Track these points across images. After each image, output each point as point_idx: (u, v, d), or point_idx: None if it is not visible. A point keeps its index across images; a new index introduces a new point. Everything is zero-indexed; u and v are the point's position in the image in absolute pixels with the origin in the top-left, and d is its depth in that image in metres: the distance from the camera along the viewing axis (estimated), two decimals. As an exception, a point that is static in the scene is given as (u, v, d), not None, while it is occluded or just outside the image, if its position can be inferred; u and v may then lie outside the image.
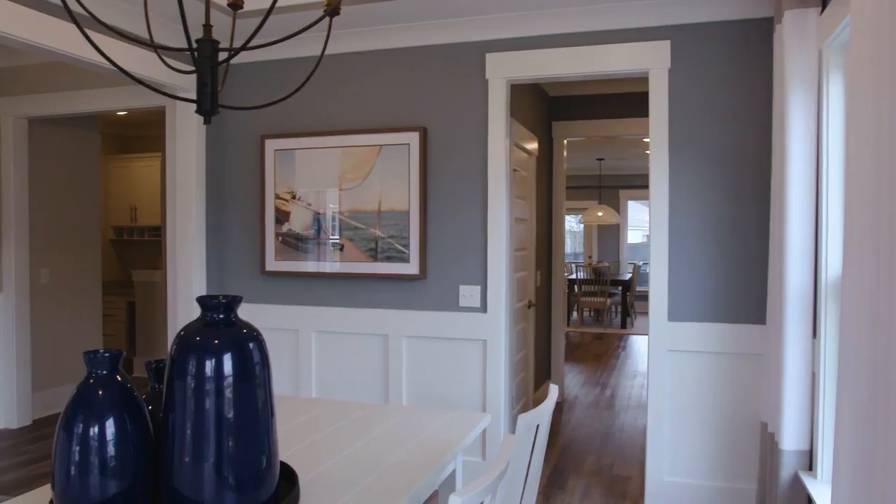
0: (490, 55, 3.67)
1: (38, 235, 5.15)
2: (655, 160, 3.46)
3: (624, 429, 5.09)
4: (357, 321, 3.92)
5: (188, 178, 4.07)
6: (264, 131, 4.10)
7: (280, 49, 4.03)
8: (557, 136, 5.95)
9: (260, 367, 1.54)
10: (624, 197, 13.41)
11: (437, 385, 3.80)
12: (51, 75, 4.75)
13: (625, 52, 3.47)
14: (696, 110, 3.41)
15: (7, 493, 3.71)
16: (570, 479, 4.02)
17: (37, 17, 3.03)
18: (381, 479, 1.78)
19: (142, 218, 7.89)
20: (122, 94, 4.52)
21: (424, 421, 2.32)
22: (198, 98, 1.52)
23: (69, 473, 1.46)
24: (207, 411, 1.46)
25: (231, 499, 1.48)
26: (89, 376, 1.50)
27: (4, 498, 3.39)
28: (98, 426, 1.46)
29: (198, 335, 1.50)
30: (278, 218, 4.02)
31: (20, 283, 4.94)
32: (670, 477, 3.49)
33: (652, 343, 3.47)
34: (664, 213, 3.45)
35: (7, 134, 4.89)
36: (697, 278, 3.42)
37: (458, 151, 3.75)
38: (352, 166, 3.86)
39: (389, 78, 3.87)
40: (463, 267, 3.75)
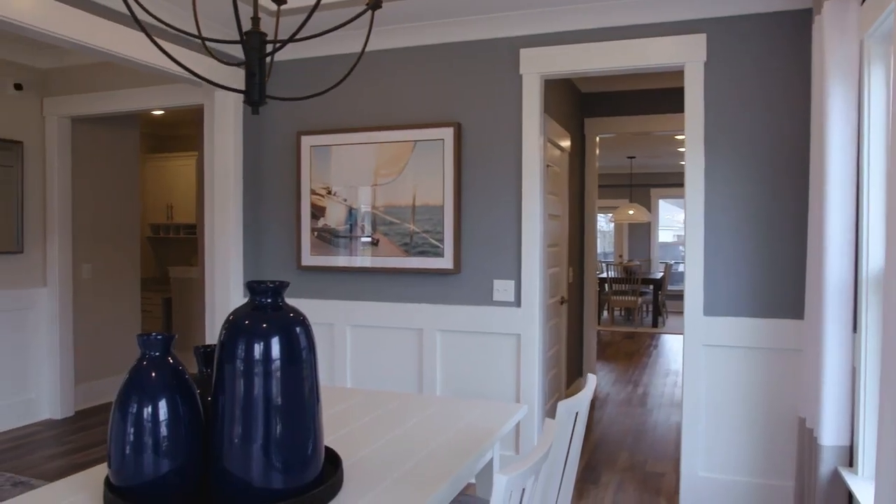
0: (524, 50, 3.68)
1: (80, 232, 5.28)
2: (691, 154, 3.44)
3: (657, 426, 5.06)
4: (391, 315, 3.96)
5: (226, 173, 4.14)
6: (300, 128, 4.16)
7: (317, 47, 4.09)
8: (590, 132, 5.93)
9: (307, 351, 1.58)
10: (655, 195, 13.30)
11: (471, 379, 3.83)
12: (92, 75, 4.87)
13: (660, 46, 3.45)
14: (732, 104, 3.39)
15: (51, 481, 3.81)
16: (604, 475, 4.01)
17: (85, 18, 3.12)
18: (422, 465, 1.81)
19: (178, 216, 8.04)
20: (160, 93, 4.62)
21: (461, 410, 2.35)
22: (246, 88, 1.56)
23: (124, 452, 1.51)
24: (256, 393, 1.50)
25: (278, 480, 1.52)
26: (142, 358, 1.56)
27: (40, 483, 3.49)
28: (151, 407, 1.51)
29: (247, 319, 1.54)
30: (314, 213, 4.07)
31: (63, 278, 5.08)
32: (705, 472, 3.47)
33: (687, 337, 3.46)
34: (699, 206, 3.43)
35: (52, 133, 5.03)
36: (733, 272, 3.40)
37: (492, 147, 3.77)
38: (386, 162, 3.90)
39: (424, 74, 3.90)
40: (497, 261, 3.76)
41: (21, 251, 4.88)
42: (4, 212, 4.77)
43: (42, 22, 2.92)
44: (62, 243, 5.06)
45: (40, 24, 2.91)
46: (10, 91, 4.83)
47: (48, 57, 4.96)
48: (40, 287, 5.04)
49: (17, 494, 2.80)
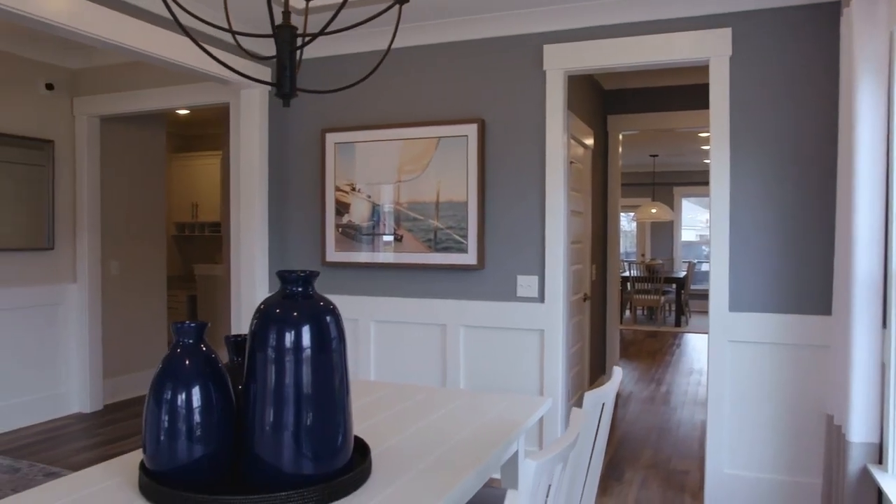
0: (548, 46, 3.68)
1: (108, 229, 5.37)
2: (715, 150, 3.42)
3: (681, 424, 5.03)
4: (415, 311, 3.98)
5: (252, 171, 4.19)
6: (325, 125, 4.20)
7: (342, 45, 4.12)
8: (613, 129, 5.92)
9: (337, 341, 1.60)
10: (678, 194, 13.20)
11: (495, 374, 3.84)
12: (120, 75, 4.95)
13: (684, 41, 3.44)
14: (758, 99, 3.36)
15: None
16: (627, 472, 4.00)
17: (116, 17, 3.17)
18: (449, 454, 1.82)
19: (202, 214, 8.14)
20: (187, 92, 4.69)
21: (487, 403, 2.36)
22: (278, 81, 1.59)
23: (159, 438, 1.54)
24: (287, 381, 1.53)
25: (308, 466, 1.54)
26: (176, 346, 1.59)
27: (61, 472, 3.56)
28: (185, 394, 1.54)
29: (277, 307, 1.57)
30: (338, 210, 4.11)
31: (92, 275, 5.17)
32: (731, 469, 3.45)
33: (712, 333, 3.44)
34: (725, 202, 3.41)
35: (81, 132, 5.12)
36: (759, 268, 3.38)
37: (516, 142, 3.78)
38: (410, 158, 3.93)
39: (447, 71, 3.92)
40: (520, 257, 3.77)
41: (52, 248, 4.97)
42: (36, 210, 4.87)
43: (74, 21, 2.98)
44: (91, 240, 5.16)
45: (72, 23, 2.97)
46: (42, 91, 4.92)
47: (78, 57, 5.05)
48: (70, 283, 5.13)
49: (50, 484, 2.86)
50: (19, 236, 4.76)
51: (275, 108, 4.30)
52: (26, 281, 4.84)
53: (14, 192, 4.72)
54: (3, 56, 4.68)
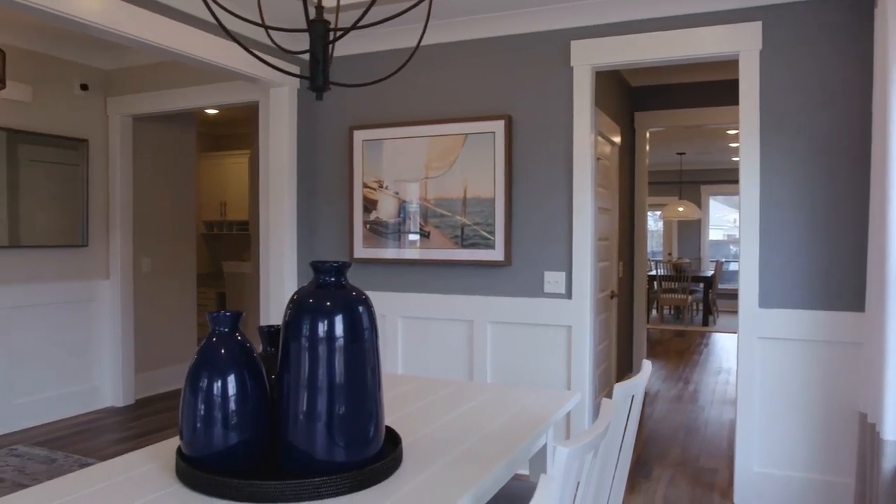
0: (575, 42, 3.68)
1: (140, 227, 5.47)
2: (745, 145, 3.39)
3: (709, 423, 4.99)
4: (442, 307, 4.00)
5: (281, 168, 4.24)
6: (353, 122, 4.24)
7: (371, 43, 4.16)
8: (640, 126, 5.88)
9: (369, 332, 1.62)
10: (705, 192, 13.07)
11: (522, 370, 3.84)
12: (152, 75, 5.04)
13: (714, 35, 3.42)
14: (789, 93, 3.33)
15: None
16: (655, 469, 3.98)
17: (148, 17, 3.24)
18: (479, 445, 1.84)
19: (231, 213, 8.24)
20: (217, 91, 4.75)
21: (515, 397, 2.37)
22: (311, 75, 1.61)
23: (195, 426, 1.57)
24: (320, 369, 1.55)
25: (341, 454, 1.56)
26: (212, 335, 1.62)
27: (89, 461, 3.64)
28: (221, 382, 1.57)
29: (311, 297, 1.59)
30: (366, 206, 4.14)
31: (125, 271, 5.26)
32: (760, 468, 3.42)
33: (741, 330, 3.41)
34: (754, 196, 3.38)
35: (114, 131, 5.22)
36: (789, 264, 3.34)
37: (543, 139, 3.78)
38: (437, 155, 3.95)
39: (474, 68, 3.93)
40: (548, 253, 3.77)
41: (86, 245, 5.08)
42: (71, 208, 4.97)
43: (108, 20, 3.04)
44: (124, 238, 5.25)
45: (106, 22, 3.03)
46: (77, 91, 5.03)
47: (111, 58, 5.15)
48: (103, 279, 5.23)
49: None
50: (55, 233, 4.87)
51: (303, 106, 4.35)
52: (61, 277, 4.94)
53: (50, 191, 4.83)
54: (41, 57, 4.78)
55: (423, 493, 1.51)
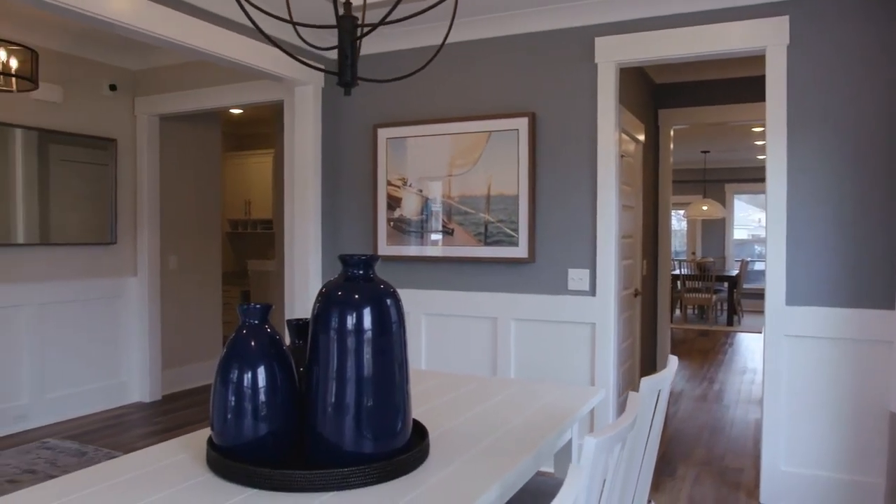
0: (599, 39, 3.67)
1: (167, 225, 5.55)
2: (772, 141, 3.36)
3: (734, 422, 4.95)
4: (466, 304, 4.01)
5: (305, 166, 4.28)
6: (377, 121, 4.26)
7: (395, 41, 4.18)
8: (664, 124, 5.84)
9: (397, 325, 1.63)
10: (730, 191, 12.94)
11: (545, 367, 3.84)
12: (179, 75, 5.11)
13: (740, 30, 3.39)
14: (817, 89, 3.29)
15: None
16: (680, 468, 3.96)
17: (177, 17, 3.28)
18: (505, 439, 1.84)
19: (255, 212, 8.32)
20: (242, 90, 4.81)
21: (540, 392, 2.37)
22: (339, 70, 1.63)
23: (226, 417, 1.60)
24: (348, 361, 1.57)
25: (369, 445, 1.58)
26: (242, 327, 1.65)
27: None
28: (251, 373, 1.59)
29: (339, 290, 1.61)
30: (390, 204, 4.16)
31: (152, 269, 5.34)
32: (787, 467, 3.38)
33: (768, 327, 3.38)
34: (781, 193, 3.34)
35: (142, 131, 5.30)
36: (817, 261, 3.30)
37: (567, 136, 3.77)
38: (461, 152, 3.96)
39: (498, 65, 3.94)
40: (571, 251, 3.77)
41: (114, 242, 5.16)
42: (100, 206, 5.06)
43: (136, 20, 3.09)
44: (151, 235, 5.33)
45: (135, 22, 3.08)
46: (106, 92, 5.11)
47: (139, 58, 5.22)
48: (131, 276, 5.31)
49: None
50: (85, 231, 4.95)
51: (328, 105, 4.38)
52: (91, 274, 5.03)
53: (80, 190, 4.92)
54: (71, 59, 4.87)
55: (451, 484, 1.52)
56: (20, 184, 4.55)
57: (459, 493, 1.46)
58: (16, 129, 4.52)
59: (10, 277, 4.52)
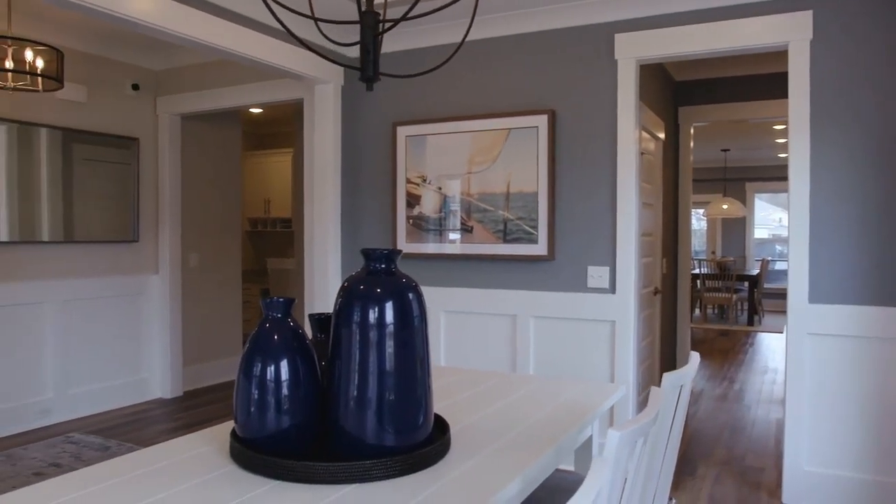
0: (619, 35, 3.66)
1: (188, 223, 5.60)
2: (795, 138, 3.33)
3: (755, 422, 4.90)
4: (485, 301, 4.01)
5: (325, 164, 4.30)
6: (396, 118, 4.28)
7: (415, 39, 4.19)
8: (684, 121, 5.81)
9: (419, 319, 1.64)
10: (750, 190, 12.83)
11: (565, 365, 3.83)
12: (200, 75, 5.16)
13: (762, 26, 3.36)
14: (841, 84, 3.25)
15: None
16: (700, 467, 3.93)
17: (200, 16, 3.32)
18: (526, 433, 1.84)
19: (274, 210, 8.38)
20: (262, 89, 4.84)
21: (560, 388, 2.37)
22: (361, 66, 1.64)
23: (249, 410, 1.61)
24: (371, 355, 1.58)
25: (391, 439, 1.59)
26: (265, 321, 1.66)
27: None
28: (274, 366, 1.61)
29: (361, 284, 1.62)
30: (409, 202, 4.18)
31: (173, 266, 5.40)
32: (810, 467, 3.35)
33: (790, 326, 3.35)
34: (804, 189, 3.31)
35: (164, 130, 5.36)
36: (840, 258, 3.26)
37: (587, 133, 3.76)
38: (481, 150, 3.96)
39: (517, 63, 3.94)
40: (591, 248, 3.75)
41: (136, 240, 5.22)
42: (123, 204, 5.12)
43: (161, 20, 3.13)
44: (172, 233, 5.39)
45: (159, 22, 3.12)
46: (128, 91, 5.17)
47: (161, 58, 5.28)
48: (153, 274, 5.37)
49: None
50: (107, 229, 5.02)
51: (347, 103, 4.40)
52: (113, 271, 5.09)
53: (103, 188, 4.98)
54: (95, 59, 4.94)
55: (472, 477, 1.52)
56: (45, 182, 4.62)
57: (481, 487, 1.47)
58: (41, 128, 4.59)
59: (35, 274, 4.59)
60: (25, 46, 3.47)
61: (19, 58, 3.49)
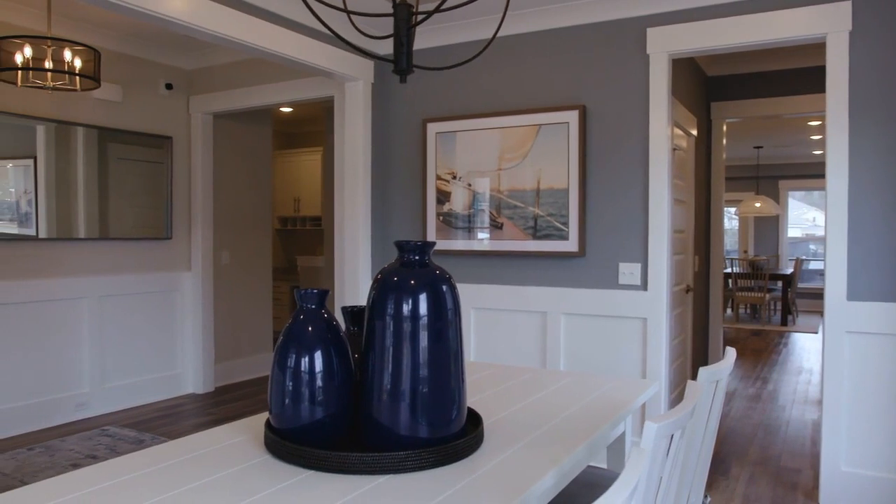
0: (651, 29, 3.62)
1: (220, 221, 5.67)
2: (832, 132, 3.26)
3: (790, 423, 4.82)
4: (515, 298, 3.99)
5: (355, 161, 4.32)
6: (426, 115, 4.28)
7: (446, 35, 4.19)
8: (716, 117, 5.73)
9: (452, 312, 1.64)
10: (784, 188, 12.61)
11: (596, 362, 3.80)
12: (231, 73, 5.21)
13: (798, 17, 3.30)
14: (882, 77, 3.18)
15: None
16: (734, 468, 3.87)
17: (234, 15, 3.35)
18: (560, 427, 1.83)
19: (304, 209, 8.44)
20: (293, 88, 4.88)
21: (593, 384, 2.35)
22: (395, 58, 1.64)
23: (283, 401, 1.62)
24: (404, 347, 1.58)
25: (424, 431, 1.59)
26: (300, 312, 1.67)
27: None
28: (308, 358, 1.61)
29: (395, 276, 1.62)
30: (439, 198, 4.18)
31: (205, 264, 5.47)
32: (848, 467, 3.28)
33: (827, 324, 3.28)
34: (843, 186, 3.24)
35: (196, 128, 5.43)
36: (879, 255, 3.19)
37: (618, 128, 3.73)
38: (511, 146, 3.95)
39: (548, 58, 3.92)
40: (623, 245, 3.72)
41: (170, 237, 5.30)
42: (156, 202, 5.20)
43: (195, 19, 3.17)
44: (205, 231, 5.46)
45: (193, 20, 3.16)
46: (162, 91, 5.25)
47: (193, 58, 5.35)
48: (185, 271, 5.45)
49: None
50: (142, 227, 5.10)
51: (377, 100, 4.42)
52: (147, 268, 5.17)
53: (137, 187, 5.06)
54: (130, 59, 5.02)
55: (506, 470, 1.51)
56: (81, 181, 4.71)
57: (515, 479, 1.46)
58: (78, 127, 4.68)
59: (72, 270, 4.68)
60: (64, 47, 3.54)
61: (58, 58, 3.56)
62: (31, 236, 4.42)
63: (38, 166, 4.45)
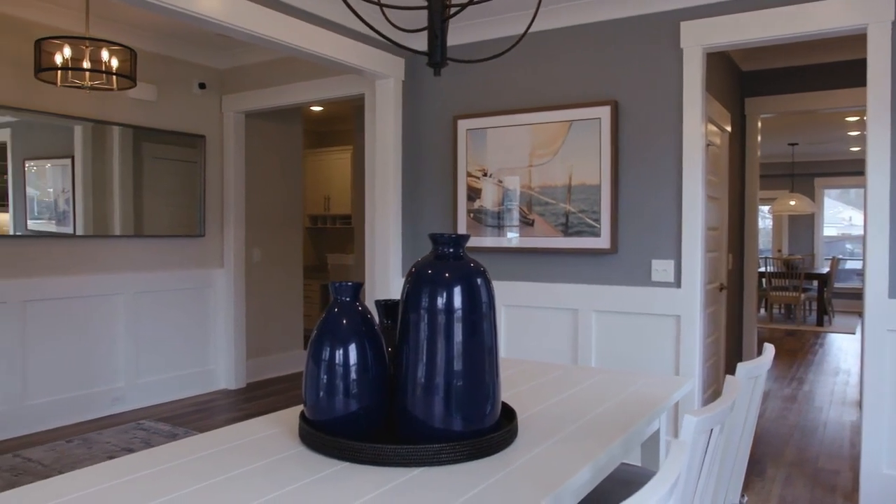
0: (685, 23, 3.57)
1: (251, 219, 5.73)
2: (873, 127, 3.18)
3: (828, 424, 4.72)
4: (546, 295, 3.97)
5: (386, 159, 4.33)
6: (457, 112, 4.27)
7: (480, 31, 4.18)
8: (751, 113, 5.63)
9: (487, 305, 1.63)
10: (819, 185, 12.36)
11: (627, 360, 3.76)
12: (263, 72, 5.26)
13: (836, 8, 3.22)
14: (924, 68, 3.09)
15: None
16: (769, 469, 3.80)
17: (266, 13, 3.38)
18: (594, 422, 1.81)
19: (334, 207, 8.49)
20: (324, 86, 4.91)
21: (626, 380, 2.33)
22: (429, 50, 1.64)
23: (318, 393, 1.63)
24: (439, 340, 1.57)
25: (458, 424, 1.58)
26: (334, 305, 1.67)
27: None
28: (342, 350, 1.62)
29: (429, 268, 1.62)
30: (470, 195, 4.17)
31: (237, 261, 5.53)
32: (890, 469, 3.20)
33: (868, 322, 3.20)
34: (884, 181, 3.16)
35: (228, 127, 5.49)
36: (924, 252, 3.11)
37: (651, 124, 3.68)
38: (542, 143, 3.92)
39: (579, 53, 3.88)
40: (655, 241, 3.68)
41: (203, 235, 5.36)
42: (190, 200, 5.27)
43: (229, 18, 3.20)
44: (237, 229, 5.52)
45: (228, 19, 3.19)
46: (195, 90, 5.32)
47: (226, 57, 5.41)
48: (218, 268, 5.51)
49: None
50: (175, 224, 5.17)
51: (408, 97, 4.42)
52: (181, 265, 5.25)
53: (171, 185, 5.14)
54: (164, 59, 5.09)
55: (541, 464, 1.50)
56: (117, 179, 4.79)
57: (550, 473, 1.45)
58: (114, 126, 4.76)
59: (107, 267, 4.76)
60: (101, 47, 3.60)
61: (96, 58, 3.62)
62: (69, 234, 4.50)
63: (75, 166, 4.54)
